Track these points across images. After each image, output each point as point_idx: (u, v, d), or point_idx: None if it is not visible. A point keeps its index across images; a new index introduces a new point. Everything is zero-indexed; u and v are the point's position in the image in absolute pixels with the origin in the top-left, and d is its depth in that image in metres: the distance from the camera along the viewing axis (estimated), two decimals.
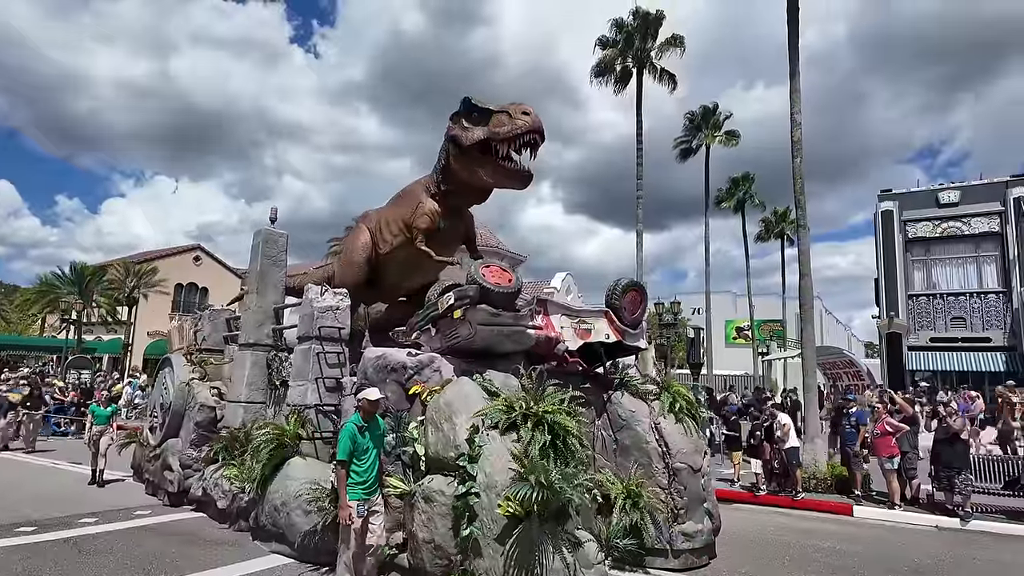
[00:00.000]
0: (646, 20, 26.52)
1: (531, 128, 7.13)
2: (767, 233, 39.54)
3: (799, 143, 21.57)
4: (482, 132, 7.45)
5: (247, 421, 9.11)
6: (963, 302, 24.69)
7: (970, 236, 24.79)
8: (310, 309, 8.16)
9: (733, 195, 35.50)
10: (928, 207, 25.40)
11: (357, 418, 5.51)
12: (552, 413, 5.86)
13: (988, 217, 24.44)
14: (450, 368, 6.63)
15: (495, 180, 7.71)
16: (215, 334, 11.07)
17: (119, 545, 7.24)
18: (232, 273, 43.84)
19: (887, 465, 10.41)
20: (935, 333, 24.77)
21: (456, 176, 8.04)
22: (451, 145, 7.91)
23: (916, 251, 25.72)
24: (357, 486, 5.28)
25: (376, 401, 5.48)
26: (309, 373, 7.93)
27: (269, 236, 9.75)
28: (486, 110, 7.53)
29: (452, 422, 5.88)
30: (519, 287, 6.73)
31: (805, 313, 14.27)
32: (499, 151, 7.33)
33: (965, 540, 8.82)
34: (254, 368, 9.32)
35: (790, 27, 21.87)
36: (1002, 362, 23.40)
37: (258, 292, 9.51)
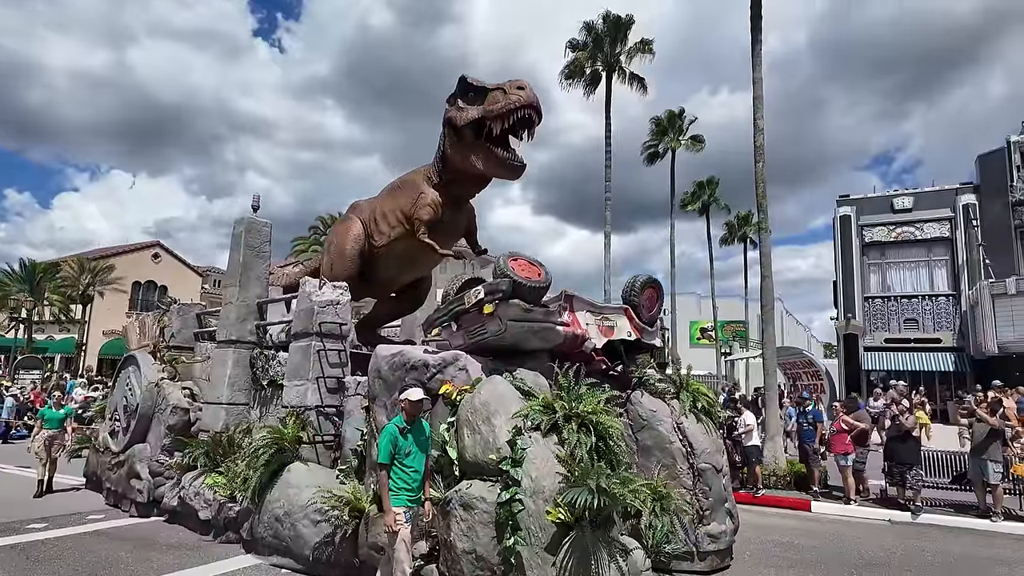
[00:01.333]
0: (616, 24, 26.60)
1: (526, 102, 6.74)
2: (730, 236, 40.38)
3: (762, 148, 21.87)
4: (476, 111, 7.06)
5: (230, 424, 8.41)
6: (915, 304, 25.61)
7: (923, 241, 25.76)
8: (309, 304, 7.54)
9: (698, 198, 36.11)
10: (883, 212, 26.26)
11: (399, 419, 5.01)
12: (594, 414, 5.49)
13: (939, 223, 25.43)
14: (477, 366, 6.17)
15: (487, 168, 7.31)
16: (185, 330, 10.22)
17: (71, 551, 6.92)
18: (192, 271, 42.10)
19: (842, 462, 10.77)
20: (889, 334, 25.61)
21: (452, 163, 7.60)
22: (447, 129, 7.47)
23: (872, 255, 26.55)
24: (403, 491, 4.78)
25: (418, 402, 5.00)
26: (309, 372, 7.31)
27: (252, 225, 9.03)
28: (482, 88, 7.13)
29: (490, 424, 5.43)
30: (549, 281, 6.33)
31: (766, 314, 14.40)
32: (492, 129, 6.93)
33: (916, 533, 9.12)
34: (236, 367, 8.60)
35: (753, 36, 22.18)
36: (951, 362, 24.36)
37: (240, 285, 8.78)
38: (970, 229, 24.61)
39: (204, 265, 46.11)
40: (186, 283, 38.20)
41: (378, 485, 4.87)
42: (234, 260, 8.94)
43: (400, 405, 5.10)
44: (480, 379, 6.00)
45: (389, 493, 4.71)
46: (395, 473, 4.79)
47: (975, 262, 24.18)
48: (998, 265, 23.56)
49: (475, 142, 7.11)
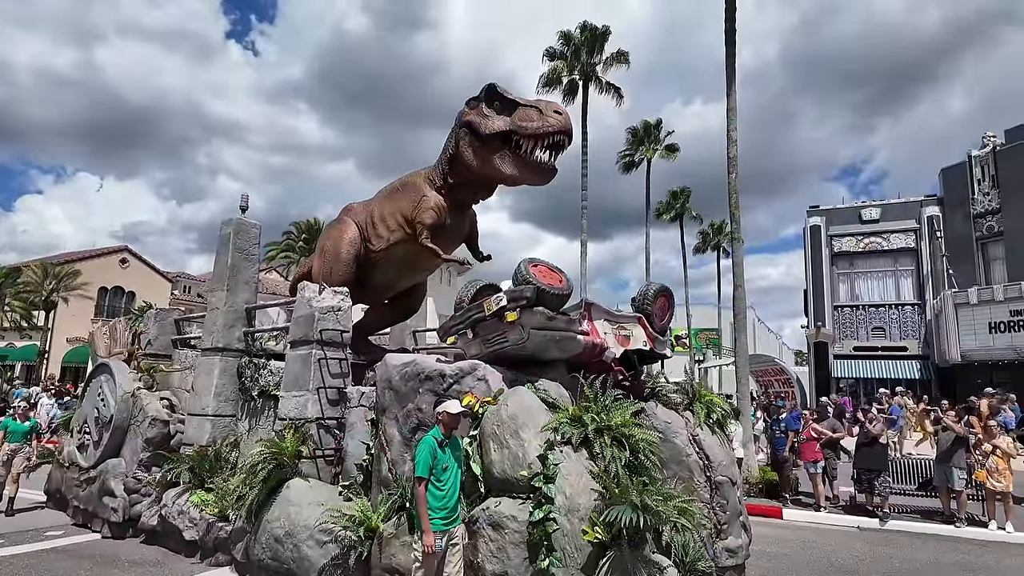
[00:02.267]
0: (593, 34, 26.82)
1: (562, 128, 6.59)
2: (704, 245, 40.92)
3: (735, 160, 22.15)
4: (504, 123, 6.82)
5: (217, 437, 7.91)
6: (883, 313, 26.24)
7: (889, 251, 26.44)
8: (309, 310, 7.13)
9: (672, 208, 36.59)
10: (852, 223, 26.90)
11: (436, 432, 4.69)
12: (625, 426, 5.25)
13: (905, 234, 26.15)
14: (497, 376, 5.86)
15: (518, 174, 7.00)
16: (162, 337, 9.63)
17: (27, 569, 6.72)
18: (162, 276, 40.70)
19: (812, 469, 10.95)
20: (858, 342, 26.18)
21: (468, 167, 7.29)
22: (466, 133, 7.17)
23: (841, 264, 27.14)
24: (436, 511, 4.45)
25: (457, 415, 4.69)
26: (309, 382, 6.89)
27: (241, 226, 8.55)
28: (512, 101, 6.91)
29: (519, 437, 5.13)
30: (571, 289, 6.08)
31: (739, 323, 14.53)
32: (523, 146, 6.74)
33: (884, 539, 9.29)
34: (223, 376, 8.10)
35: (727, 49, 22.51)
36: (917, 370, 24.99)
37: (228, 289, 8.29)
38: (934, 240, 25.34)
39: (174, 271, 44.57)
40: (155, 289, 36.89)
41: (415, 501, 4.53)
42: (221, 263, 8.45)
43: (438, 417, 4.78)
44: (502, 390, 5.70)
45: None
46: (430, 491, 4.46)
47: (939, 272, 24.90)
48: (961, 275, 24.30)
49: (502, 147, 6.83)
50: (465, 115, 7.21)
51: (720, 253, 40.58)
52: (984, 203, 24.73)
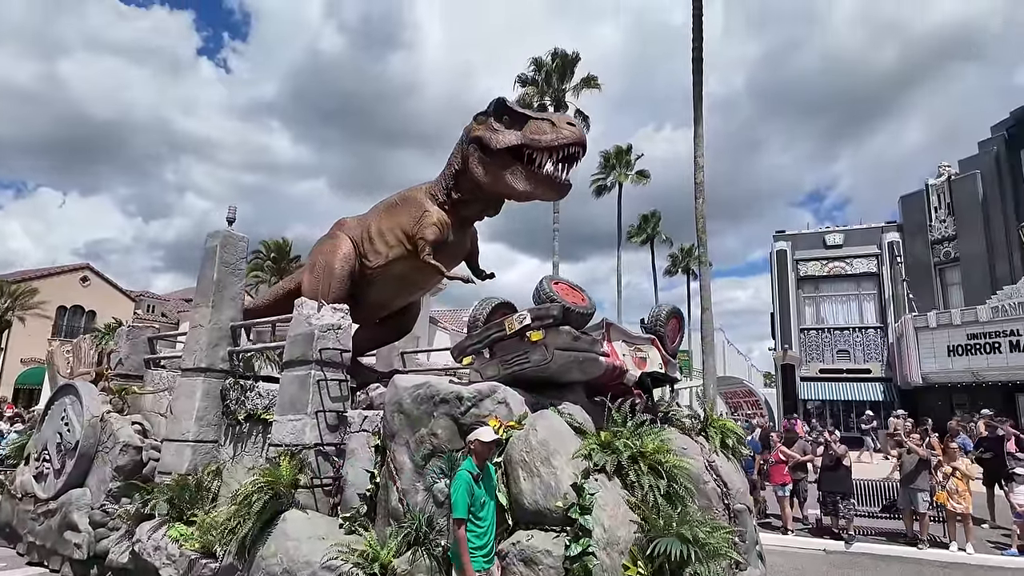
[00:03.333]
0: (564, 60, 27.28)
1: (576, 140, 6.41)
2: (674, 267, 41.53)
3: (702, 185, 22.60)
4: (515, 137, 6.61)
5: (198, 465, 7.33)
6: (847, 336, 26.84)
7: (852, 275, 27.15)
8: (307, 328, 6.68)
9: (643, 231, 37.10)
10: (816, 248, 27.56)
11: (470, 464, 4.34)
12: (660, 453, 4.99)
13: (867, 259, 26.91)
14: (519, 399, 5.53)
15: (532, 189, 6.77)
16: (134, 356, 8.97)
17: None
18: (125, 295, 38.96)
19: (780, 492, 11.09)
20: (824, 364, 26.66)
21: (478, 183, 7.02)
22: (475, 148, 6.92)
23: (807, 288, 27.71)
24: (476, 552, 4.09)
25: (491, 444, 4.34)
26: (308, 405, 6.42)
27: (228, 239, 8.06)
28: (522, 114, 6.73)
29: (550, 465, 4.80)
30: (594, 308, 5.82)
31: (706, 345, 14.64)
32: (536, 160, 6.54)
33: (849, 562, 9.45)
34: (206, 398, 7.55)
35: (695, 78, 23.06)
36: (880, 392, 25.57)
37: (213, 306, 7.77)
38: (895, 265, 26.13)
39: (138, 289, 42.64)
40: (118, 308, 35.23)
41: (457, 544, 4.15)
42: (206, 278, 7.92)
43: (470, 447, 4.43)
44: (525, 414, 5.37)
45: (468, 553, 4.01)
46: (469, 530, 4.10)
47: (900, 297, 25.63)
48: (920, 300, 25.06)
49: (513, 162, 6.59)
50: (474, 130, 6.97)
51: (690, 276, 41.23)
52: (941, 230, 25.66)
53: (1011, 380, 22.29)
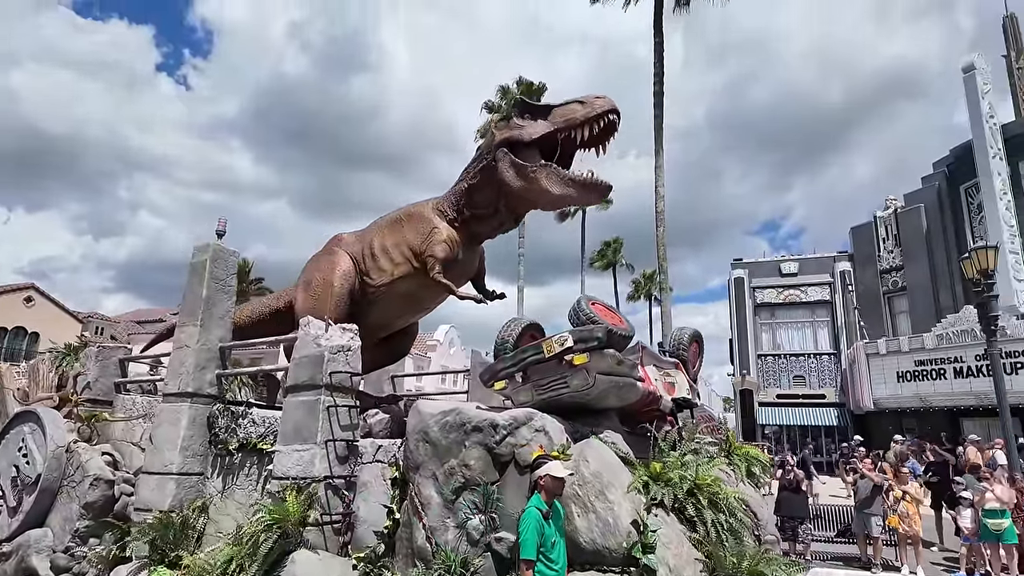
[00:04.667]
0: (529, 89, 27.69)
1: (612, 107, 6.08)
2: (637, 293, 41.98)
3: (663, 213, 23.01)
4: (545, 126, 6.31)
5: (183, 500, 6.67)
6: (802, 362, 27.55)
7: (807, 303, 27.98)
8: (315, 349, 6.20)
9: (605, 256, 37.40)
10: (772, 276, 28.33)
11: (538, 500, 4.00)
12: (715, 484, 4.76)
13: (820, 287, 27.81)
14: (558, 427, 5.21)
15: (569, 192, 6.33)
16: (103, 379, 8.20)
17: None
18: (71, 316, 36.50)
19: None
20: (780, 390, 27.23)
21: (510, 189, 6.52)
22: (505, 153, 6.55)
23: (763, 315, 28.39)
24: None
25: (563, 479, 4.01)
26: (317, 433, 5.92)
27: (218, 253, 7.49)
28: (544, 106, 6.50)
29: (606, 500, 4.50)
30: (633, 331, 5.59)
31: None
32: (575, 138, 6.20)
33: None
34: (192, 426, 6.91)
35: (656, 111, 23.62)
36: (834, 417, 26.25)
37: (202, 325, 7.16)
38: (846, 293, 27.07)
39: (86, 310, 40.02)
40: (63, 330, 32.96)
41: None
42: (194, 294, 7.31)
43: (539, 483, 4.09)
44: (566, 444, 5.06)
45: None
46: (539, 571, 3.75)
47: (852, 324, 26.52)
48: (871, 327, 25.97)
49: (546, 164, 6.27)
50: (500, 134, 6.66)
51: (652, 301, 41.79)
52: (889, 260, 26.78)
53: (955, 405, 23.19)
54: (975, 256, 13.05)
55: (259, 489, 6.49)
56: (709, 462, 5.05)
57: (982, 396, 21.32)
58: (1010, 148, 24.36)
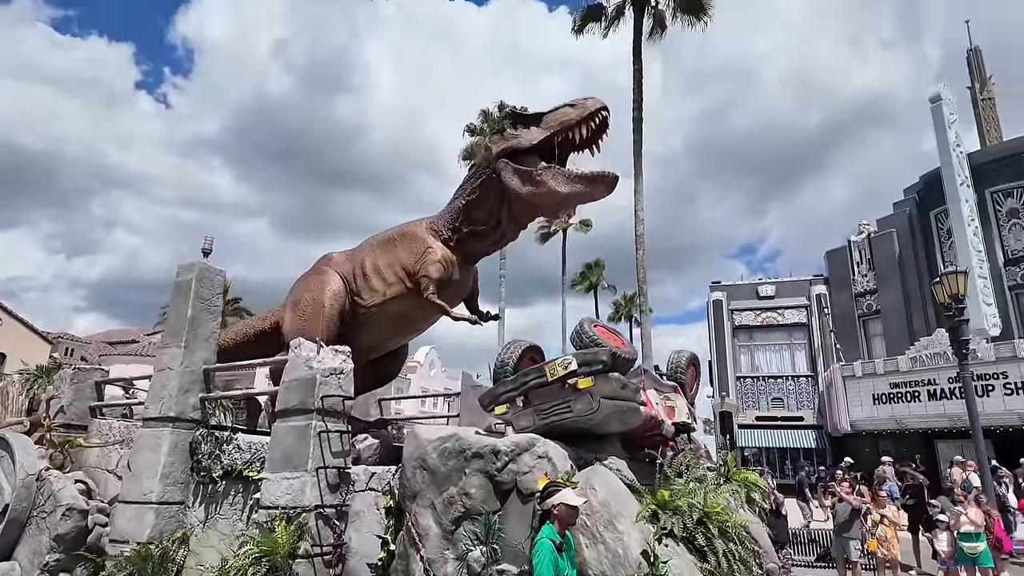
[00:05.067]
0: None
1: (602, 105, 6.13)
2: (617, 315, 42.10)
3: (642, 237, 23.20)
4: (540, 132, 6.35)
5: (163, 531, 6.36)
6: (781, 384, 27.75)
7: (784, 325, 28.29)
8: (307, 372, 5.99)
9: (586, 278, 37.61)
10: (750, 298, 28.62)
11: (551, 531, 3.85)
12: (724, 513, 4.66)
13: (797, 309, 28.16)
14: (562, 454, 5.07)
15: (578, 187, 6.19)
16: (78, 403, 7.85)
17: None
18: (40, 337, 35.23)
19: None
20: (759, 412, 27.36)
21: (516, 196, 6.45)
22: (504, 163, 6.51)
23: (742, 337, 28.61)
24: None
25: (577, 508, 3.88)
26: (308, 460, 5.69)
27: (205, 272, 7.26)
28: (535, 114, 6.55)
29: (615, 530, 4.36)
30: (636, 355, 5.51)
31: None
32: (574, 139, 6.24)
33: None
34: (174, 452, 6.62)
35: (635, 136, 23.93)
36: (812, 439, 26.42)
37: (186, 347, 6.90)
38: (823, 316, 27.44)
39: (56, 331, 38.67)
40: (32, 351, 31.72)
41: None
42: (178, 314, 7.06)
43: (553, 512, 3.94)
44: (571, 471, 4.92)
45: None
46: None
47: (828, 346, 26.84)
48: (847, 349, 26.31)
49: (548, 166, 6.25)
50: (497, 146, 6.63)
51: (632, 323, 42.04)
52: (863, 284, 27.25)
53: (930, 427, 23.50)
54: (946, 281, 13.28)
55: (244, 519, 6.21)
56: (716, 489, 4.94)
57: (956, 418, 21.61)
58: (976, 176, 25.06)
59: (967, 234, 24.14)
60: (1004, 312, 23.79)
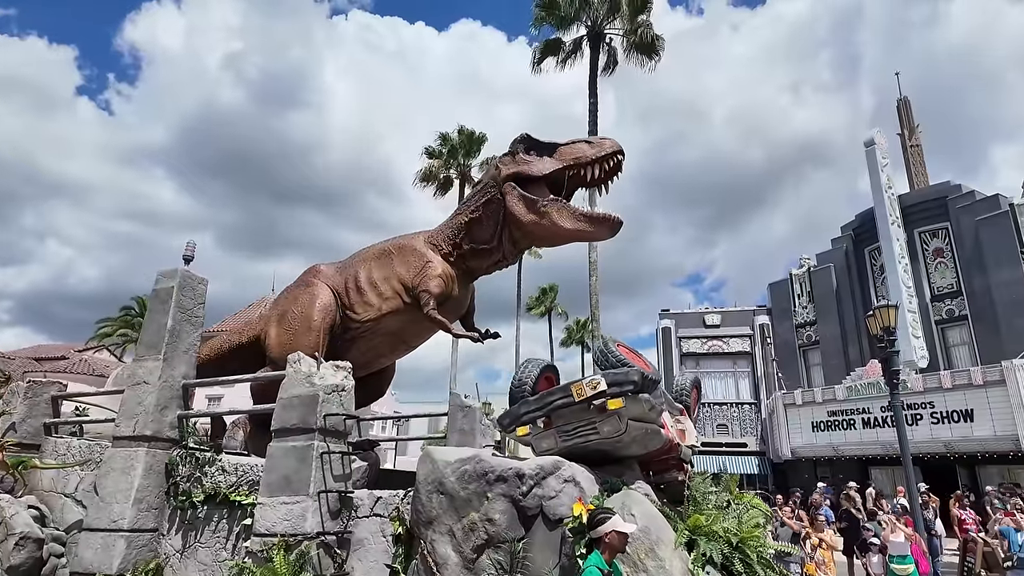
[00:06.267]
0: (470, 138, 28.28)
1: (619, 148, 6.25)
2: (570, 339, 42.35)
3: (595, 264, 23.58)
4: (552, 163, 6.35)
5: (137, 562, 5.81)
6: (726, 411, 28.43)
7: (729, 354, 29.09)
8: (308, 389, 5.64)
9: (541, 303, 37.76)
10: (697, 327, 29.35)
11: (599, 559, 3.66)
12: (756, 539, 4.60)
13: (741, 338, 29.04)
14: (589, 477, 4.91)
15: (584, 226, 6.27)
16: (31, 420, 7.14)
17: None
18: None
19: None
20: (706, 438, 27.79)
21: (519, 223, 6.41)
22: (511, 186, 6.43)
23: (689, 364, 29.22)
24: None
25: (627, 536, 3.72)
26: (310, 484, 5.32)
27: (187, 280, 6.79)
28: (550, 144, 6.52)
29: (656, 557, 4.22)
30: (660, 376, 5.43)
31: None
32: (585, 176, 6.30)
33: None
34: (149, 475, 6.09)
35: None
36: (755, 465, 27.09)
37: (165, 359, 6.40)
38: (765, 346, 28.38)
39: None
40: None
41: None
42: (156, 324, 6.54)
43: (604, 539, 3.76)
44: (601, 495, 4.77)
45: None
46: None
47: (771, 375, 27.74)
48: (788, 378, 27.26)
49: (555, 199, 6.20)
50: (504, 168, 6.54)
51: (584, 348, 42.35)
52: (803, 315, 28.40)
53: (864, 454, 24.52)
54: (878, 314, 13.85)
55: (229, 547, 5.76)
56: (747, 513, 4.89)
57: (888, 445, 22.61)
58: (906, 217, 26.64)
59: (898, 271, 25.54)
60: (931, 345, 25.20)
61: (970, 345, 24.74)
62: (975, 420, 21.72)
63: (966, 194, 25.45)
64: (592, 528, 3.91)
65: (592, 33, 23.66)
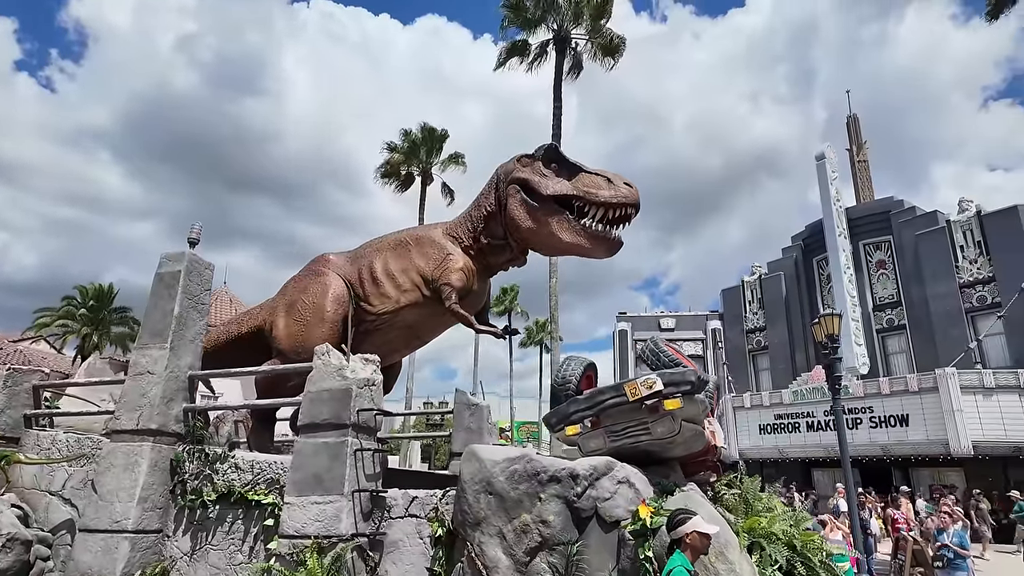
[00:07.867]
0: (431, 135, 27.99)
1: (634, 201, 6.15)
2: (529, 340, 42.17)
3: (555, 266, 23.74)
4: (566, 187, 6.24)
5: (143, 566, 5.39)
6: None
7: None
8: (340, 382, 5.35)
9: (502, 302, 37.47)
10: (652, 330, 29.85)
11: (683, 560, 3.60)
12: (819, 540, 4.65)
13: (695, 342, 29.76)
14: (643, 479, 4.84)
15: (579, 241, 6.29)
16: (11, 411, 6.52)
17: None
18: None
19: None
20: None
21: (517, 227, 6.43)
22: (518, 190, 6.36)
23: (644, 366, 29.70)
24: None
25: (710, 536, 3.67)
26: (344, 483, 5.04)
27: (194, 264, 6.34)
28: (574, 165, 6.40)
29: (727, 560, 4.18)
30: (707, 376, 5.42)
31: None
32: (589, 212, 6.18)
33: None
34: (154, 472, 5.65)
35: None
36: None
37: (171, 348, 5.96)
38: (717, 350, 29.16)
39: None
40: None
41: None
42: (160, 310, 6.08)
43: (686, 540, 3.68)
44: (656, 497, 4.71)
45: None
46: None
47: (721, 378, 28.49)
48: (738, 382, 28.09)
49: (559, 212, 6.12)
50: (517, 171, 6.43)
51: (543, 349, 42.33)
52: (754, 321, 29.32)
53: (808, 456, 25.51)
54: (823, 322, 14.35)
55: (246, 549, 5.41)
56: (797, 515, 4.93)
57: (829, 448, 23.55)
58: (852, 229, 27.86)
59: (843, 280, 26.68)
60: (872, 352, 26.46)
61: (908, 353, 26.09)
62: (910, 425, 22.84)
63: (907, 209, 26.81)
64: (672, 529, 3.84)
65: (558, 37, 23.70)
